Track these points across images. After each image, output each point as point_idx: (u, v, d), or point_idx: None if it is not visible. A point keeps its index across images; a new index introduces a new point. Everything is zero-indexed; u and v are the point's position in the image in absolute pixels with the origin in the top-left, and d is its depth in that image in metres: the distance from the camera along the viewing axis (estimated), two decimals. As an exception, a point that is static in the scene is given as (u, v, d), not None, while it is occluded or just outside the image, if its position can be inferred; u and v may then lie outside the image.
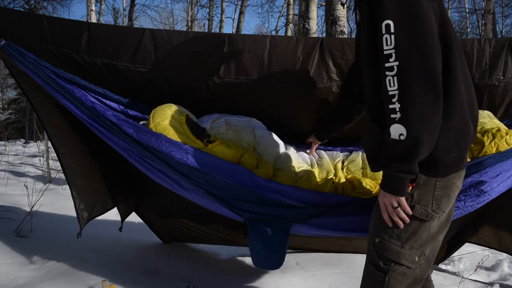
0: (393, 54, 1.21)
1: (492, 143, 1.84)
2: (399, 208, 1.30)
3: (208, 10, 15.10)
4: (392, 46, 1.21)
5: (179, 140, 1.89)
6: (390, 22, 1.21)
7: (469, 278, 2.78)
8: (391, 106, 1.22)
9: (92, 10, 6.61)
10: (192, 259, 2.87)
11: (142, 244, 3.07)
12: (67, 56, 2.06)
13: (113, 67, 2.07)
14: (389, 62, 1.22)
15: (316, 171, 2.15)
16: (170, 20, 20.82)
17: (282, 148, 2.18)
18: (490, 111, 2.12)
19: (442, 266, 3.09)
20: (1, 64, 19.80)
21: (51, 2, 13.79)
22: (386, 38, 1.22)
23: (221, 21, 14.55)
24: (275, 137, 2.18)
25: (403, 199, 1.29)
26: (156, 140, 1.86)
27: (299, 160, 2.18)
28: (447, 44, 1.29)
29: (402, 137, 1.21)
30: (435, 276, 2.69)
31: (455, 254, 3.04)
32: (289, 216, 1.83)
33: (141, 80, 2.11)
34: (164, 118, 1.94)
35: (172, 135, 1.90)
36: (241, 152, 2.03)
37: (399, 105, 1.20)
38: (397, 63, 1.21)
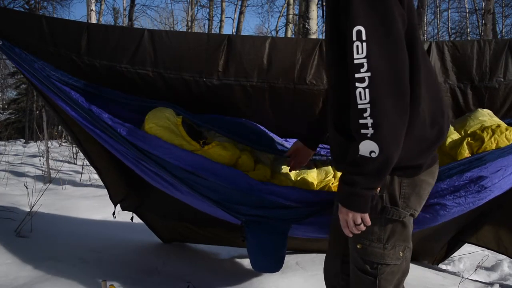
0: (365, 64, 1.11)
1: (492, 139, 1.84)
2: (361, 225, 1.25)
3: (208, 10, 15.11)
4: (363, 55, 1.12)
5: (174, 143, 1.88)
6: (362, 28, 1.12)
7: (469, 278, 2.78)
8: (361, 121, 1.13)
9: (92, 10, 6.62)
10: (192, 259, 2.87)
11: (142, 244, 3.07)
12: (66, 57, 2.05)
13: (112, 68, 2.07)
14: (360, 72, 1.12)
15: (314, 172, 2.14)
16: (170, 20, 20.83)
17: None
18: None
19: (442, 266, 3.09)
20: (1, 64, 19.84)
21: (51, 2, 13.80)
22: (357, 46, 1.12)
23: (221, 21, 14.56)
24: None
25: (367, 215, 1.24)
26: (150, 143, 1.85)
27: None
28: (412, 50, 1.22)
29: (373, 155, 1.14)
30: (435, 276, 2.69)
31: (455, 254, 3.04)
32: (286, 217, 1.82)
33: (140, 82, 2.11)
34: (159, 120, 1.94)
35: (167, 137, 1.89)
36: (237, 154, 2.02)
37: (371, 121, 1.12)
38: (369, 74, 1.11)
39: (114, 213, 2.59)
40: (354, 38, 1.12)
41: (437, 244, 2.89)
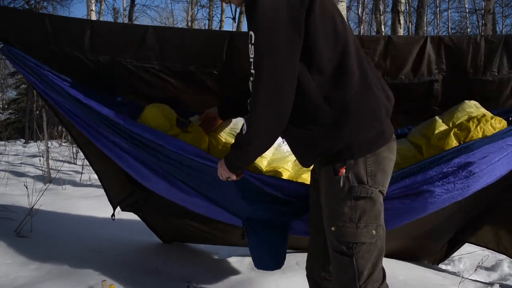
0: (252, 63, 1.34)
1: (478, 128, 1.87)
2: (230, 178, 1.55)
3: (208, 10, 15.10)
4: (252, 56, 1.34)
5: (167, 128, 1.91)
6: (252, 34, 1.32)
7: (469, 278, 2.78)
8: (248, 103, 1.35)
9: (92, 10, 6.62)
10: (192, 259, 2.87)
11: (142, 244, 3.07)
12: (69, 55, 2.05)
13: (117, 64, 2.07)
14: (251, 68, 1.35)
15: (290, 162, 2.15)
16: (170, 20, 20.85)
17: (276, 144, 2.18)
18: (486, 108, 2.12)
19: (442, 266, 3.09)
20: (1, 64, 19.83)
21: (51, 2, 13.80)
22: (250, 48, 1.34)
23: (221, 21, 14.54)
24: None
25: (234, 176, 1.54)
26: (151, 132, 1.84)
27: (275, 146, 2.19)
28: (340, 40, 1.38)
29: (243, 131, 1.39)
30: (435, 276, 2.69)
31: (455, 254, 3.04)
32: (286, 213, 1.83)
33: (145, 76, 2.11)
34: (158, 108, 1.97)
35: (162, 121, 1.93)
36: (206, 138, 2.02)
37: (249, 107, 1.35)
38: (253, 71, 1.34)
39: (113, 215, 2.59)
40: (249, 41, 1.34)
41: (437, 244, 2.89)
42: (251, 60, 1.35)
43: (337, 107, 1.37)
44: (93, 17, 6.66)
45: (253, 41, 1.32)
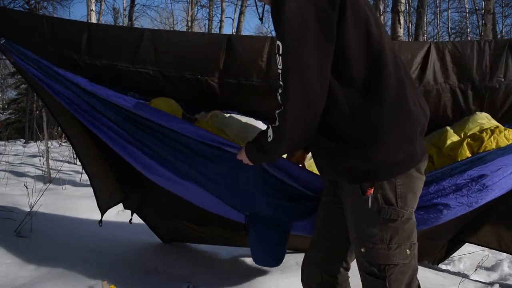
0: (280, 75, 1.23)
1: (492, 138, 1.86)
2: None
3: (208, 10, 15.09)
4: (280, 67, 1.22)
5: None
6: (280, 43, 1.20)
7: (469, 278, 2.78)
8: (277, 114, 1.27)
9: (92, 10, 6.61)
10: (192, 259, 2.87)
11: (142, 244, 3.07)
12: (67, 57, 2.05)
13: (113, 67, 2.07)
14: (280, 80, 1.24)
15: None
16: (170, 20, 20.78)
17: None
18: (491, 114, 2.12)
19: (442, 266, 3.09)
20: (1, 64, 19.83)
21: (51, 2, 13.77)
22: (277, 59, 1.23)
23: (221, 21, 14.53)
24: (259, 124, 2.18)
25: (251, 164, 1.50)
26: (160, 115, 1.84)
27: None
28: (374, 47, 1.25)
29: (269, 139, 1.32)
30: (435, 276, 2.69)
31: (455, 254, 3.04)
32: (290, 213, 1.82)
33: (142, 81, 2.11)
34: (165, 102, 1.99)
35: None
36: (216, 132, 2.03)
37: (278, 118, 1.26)
38: (281, 83, 1.23)
39: (100, 221, 2.49)
40: (276, 51, 1.22)
41: (437, 244, 2.89)
42: (279, 71, 1.23)
43: (366, 125, 1.25)
44: (93, 17, 6.65)
45: (280, 52, 1.20)
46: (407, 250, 1.33)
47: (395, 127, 1.25)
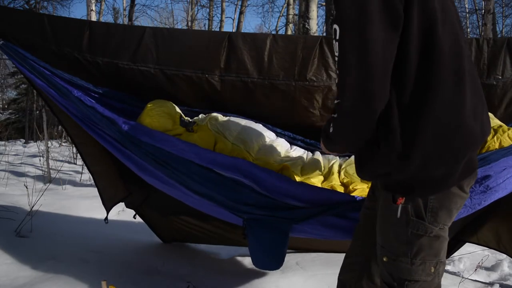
0: (337, 63, 1.13)
1: (495, 138, 1.84)
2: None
3: (208, 10, 15.09)
4: (337, 54, 1.12)
5: (169, 127, 1.93)
6: (336, 27, 1.08)
7: (469, 278, 2.78)
8: (335, 105, 1.20)
9: (92, 10, 6.62)
10: (192, 259, 2.87)
11: (142, 244, 3.07)
12: (69, 55, 2.06)
13: (114, 65, 2.07)
14: (336, 69, 1.14)
15: (299, 166, 2.15)
16: (170, 20, 20.77)
17: (267, 138, 2.18)
18: (489, 111, 2.12)
19: (442, 266, 3.08)
20: (1, 64, 19.82)
21: (51, 2, 13.78)
22: (335, 44, 1.12)
23: (221, 21, 14.53)
24: (259, 127, 2.19)
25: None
26: (152, 135, 1.85)
27: (283, 152, 2.18)
28: (428, 38, 1.11)
29: (331, 130, 1.25)
30: (435, 276, 2.69)
31: (455, 254, 3.04)
32: (289, 217, 1.82)
33: (143, 79, 2.11)
34: (161, 106, 1.98)
35: (164, 122, 1.95)
36: (213, 139, 2.04)
37: (336, 109, 1.19)
38: (337, 72, 1.15)
39: (106, 219, 2.57)
40: (333, 36, 1.12)
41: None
42: (336, 58, 1.12)
43: (410, 135, 1.12)
44: (93, 17, 6.65)
45: (337, 37, 1.08)
46: (432, 267, 1.25)
47: (441, 143, 1.13)
